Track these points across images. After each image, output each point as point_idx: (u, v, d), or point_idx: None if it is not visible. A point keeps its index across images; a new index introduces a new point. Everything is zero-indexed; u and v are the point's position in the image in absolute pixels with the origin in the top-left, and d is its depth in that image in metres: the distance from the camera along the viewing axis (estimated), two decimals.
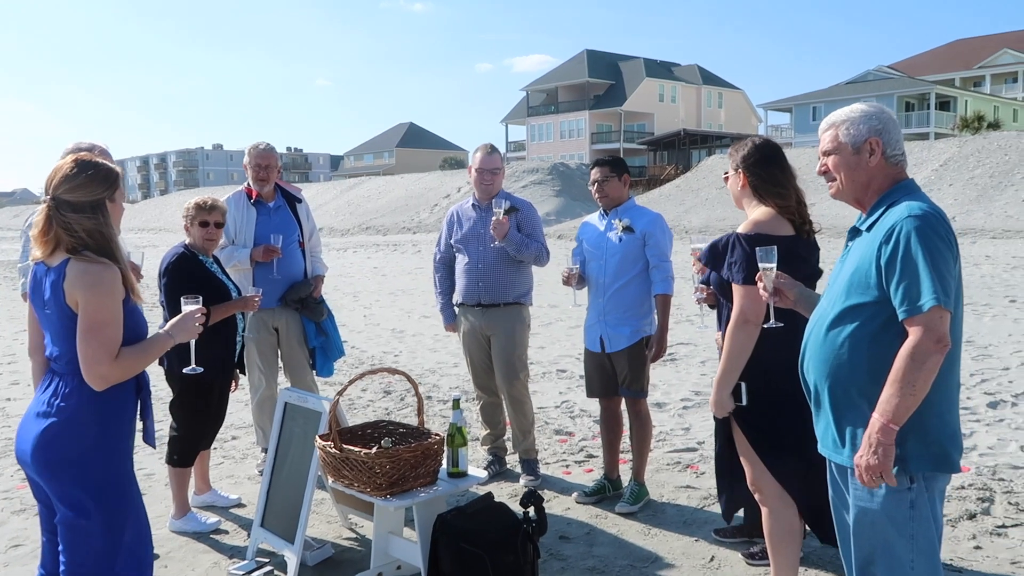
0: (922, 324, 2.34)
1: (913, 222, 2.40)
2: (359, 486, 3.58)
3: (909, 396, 2.35)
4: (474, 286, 5.22)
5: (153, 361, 2.83)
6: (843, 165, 2.65)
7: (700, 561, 4.12)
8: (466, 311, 5.32)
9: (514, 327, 5.23)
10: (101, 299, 2.65)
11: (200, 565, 4.23)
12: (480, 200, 5.30)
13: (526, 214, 5.28)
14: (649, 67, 70.43)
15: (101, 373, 2.66)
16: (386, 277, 19.52)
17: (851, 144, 2.62)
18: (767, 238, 3.24)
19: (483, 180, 5.22)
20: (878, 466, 2.39)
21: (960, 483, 4.95)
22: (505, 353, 5.21)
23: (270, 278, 5.25)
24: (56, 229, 2.70)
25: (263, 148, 5.38)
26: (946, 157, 31.83)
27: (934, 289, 2.33)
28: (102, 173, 2.76)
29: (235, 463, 5.88)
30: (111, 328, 2.66)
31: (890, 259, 2.41)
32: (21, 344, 11.02)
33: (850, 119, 2.63)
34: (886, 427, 2.37)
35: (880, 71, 59.11)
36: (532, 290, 5.35)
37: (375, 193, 51.29)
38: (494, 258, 5.17)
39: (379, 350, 10.20)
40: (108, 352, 2.65)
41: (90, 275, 2.65)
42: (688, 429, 6.41)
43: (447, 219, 5.50)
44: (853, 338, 2.52)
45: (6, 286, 19.71)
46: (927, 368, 2.34)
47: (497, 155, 5.32)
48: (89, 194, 2.71)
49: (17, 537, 4.63)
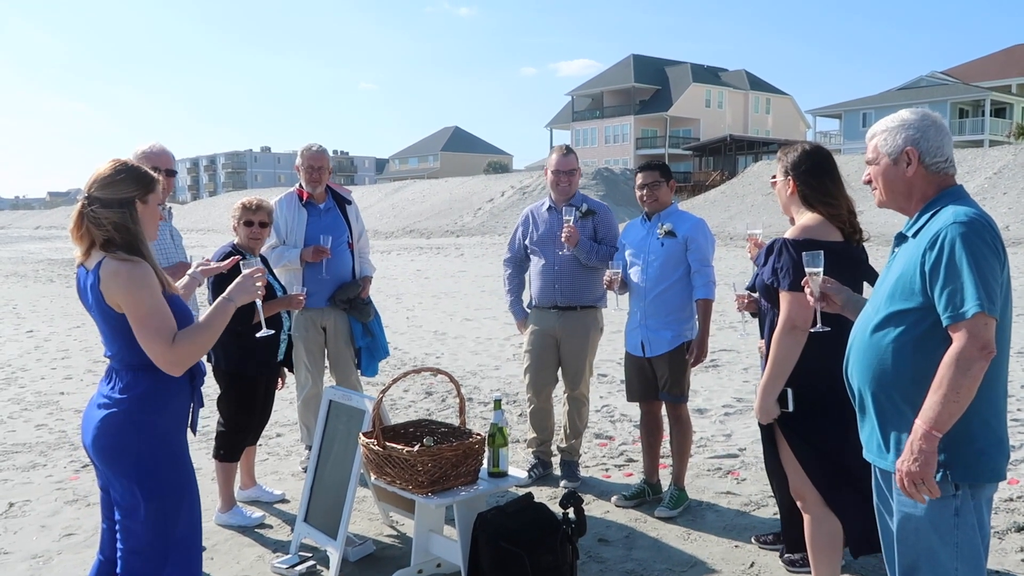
0: (966, 330, 2.32)
1: (958, 228, 2.38)
2: (401, 483, 3.63)
3: (953, 403, 2.32)
4: (550, 288, 5.24)
5: (222, 329, 2.86)
6: (882, 175, 2.65)
7: (740, 567, 4.09)
8: (540, 313, 5.33)
9: (588, 330, 5.25)
10: (137, 294, 2.70)
11: (245, 558, 4.31)
12: (556, 202, 5.32)
13: (603, 217, 5.29)
14: (696, 72, 69.99)
15: (168, 360, 2.73)
16: (429, 280, 19.65)
17: (889, 154, 2.62)
18: (815, 243, 3.22)
19: (560, 182, 5.24)
20: (919, 473, 2.37)
21: (1009, 495, 4.85)
22: (576, 356, 5.24)
23: (319, 278, 5.33)
24: (87, 224, 2.78)
25: (316, 150, 5.47)
26: (1000, 165, 31.14)
27: (978, 295, 2.31)
28: (135, 175, 2.83)
29: (279, 460, 5.98)
30: (158, 315, 2.72)
31: (934, 265, 2.40)
32: (75, 340, 11.32)
33: (888, 129, 2.63)
34: (929, 434, 2.35)
35: (933, 77, 57.97)
36: (606, 294, 5.33)
37: (419, 196, 51.63)
38: (570, 261, 5.18)
39: (421, 352, 10.28)
40: (164, 339, 2.71)
41: (122, 275, 2.71)
42: (729, 435, 6.37)
43: (522, 219, 5.53)
44: (897, 343, 2.51)
45: (61, 284, 20.23)
46: (971, 375, 2.31)
47: (573, 156, 5.33)
48: (119, 192, 2.78)
49: (70, 526, 4.76)
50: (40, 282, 20.93)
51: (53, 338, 11.64)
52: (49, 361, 9.99)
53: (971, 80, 55.73)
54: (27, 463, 5.96)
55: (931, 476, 2.37)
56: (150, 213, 2.87)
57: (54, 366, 9.68)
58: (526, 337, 5.43)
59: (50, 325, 13.02)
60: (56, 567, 4.23)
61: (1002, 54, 61.35)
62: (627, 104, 69.68)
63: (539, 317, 5.33)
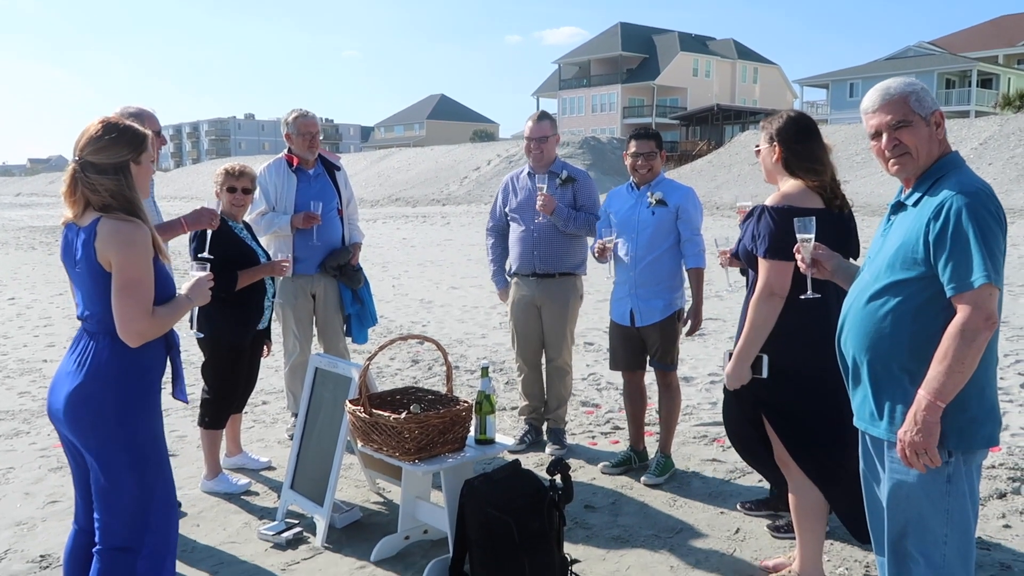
0: (972, 301, 2.32)
1: (963, 199, 2.37)
2: (388, 451, 3.62)
3: (958, 374, 2.33)
4: (529, 255, 5.22)
5: (179, 320, 2.86)
6: (919, 138, 2.53)
7: (725, 533, 4.12)
8: (520, 280, 5.32)
9: (568, 297, 5.24)
10: (134, 257, 2.67)
11: (231, 525, 4.30)
12: (534, 169, 5.28)
13: (582, 184, 5.26)
14: (684, 41, 69.51)
15: (138, 330, 2.69)
16: (415, 248, 19.58)
17: (923, 117, 2.54)
18: (796, 211, 3.21)
19: (531, 149, 5.21)
20: (922, 443, 2.38)
21: (991, 463, 4.90)
22: (557, 323, 5.23)
23: (310, 245, 5.29)
24: (82, 189, 2.73)
25: (311, 116, 5.42)
26: (986, 135, 31.21)
27: (984, 266, 2.30)
28: (127, 135, 2.77)
29: (265, 427, 5.96)
30: (144, 285, 2.69)
31: (939, 235, 2.38)
32: (57, 308, 11.22)
33: (916, 90, 2.54)
34: (933, 404, 2.36)
35: (920, 47, 57.84)
36: (586, 261, 5.33)
37: (405, 165, 51.32)
38: (549, 228, 5.16)
39: (407, 320, 10.25)
40: (144, 309, 2.69)
41: (122, 233, 2.67)
42: (715, 404, 6.40)
43: (502, 187, 5.49)
44: (896, 313, 2.50)
45: (42, 251, 20.03)
46: (976, 345, 2.32)
47: (547, 122, 5.26)
48: (113, 156, 2.73)
49: (54, 493, 4.74)
50: (21, 249, 20.70)
51: (35, 305, 11.54)
52: (31, 328, 9.91)
53: (958, 50, 55.68)
54: (10, 430, 5.92)
55: (933, 446, 2.39)
56: (143, 172, 2.83)
57: (36, 333, 9.60)
58: (509, 308, 5.43)
59: (32, 292, 12.90)
60: (40, 534, 4.21)
61: (989, 24, 61.29)
62: (614, 73, 69.22)
63: (519, 285, 5.32)
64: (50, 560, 3.91)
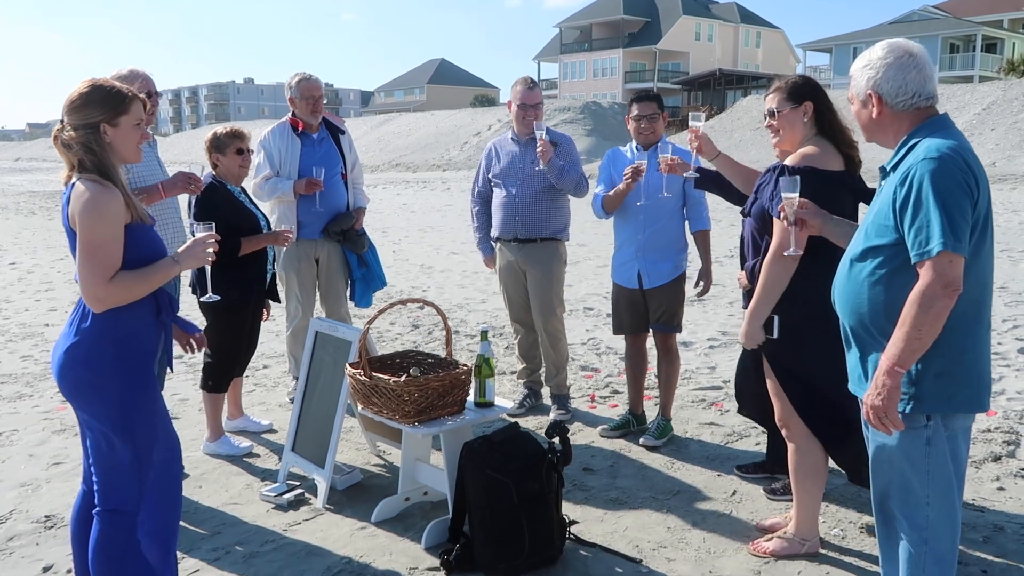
0: (931, 268, 2.33)
1: (927, 164, 2.36)
2: (388, 414, 3.65)
3: (915, 340, 2.34)
4: (511, 220, 5.22)
5: (156, 287, 2.78)
6: (857, 116, 2.69)
7: (722, 495, 4.17)
8: (503, 246, 5.32)
9: (551, 262, 5.24)
10: (94, 220, 2.63)
11: (233, 487, 4.35)
12: (520, 134, 5.26)
13: (564, 148, 5.24)
14: (686, 4, 68.72)
15: (96, 295, 2.66)
16: (415, 214, 19.55)
17: (858, 96, 2.64)
18: (817, 172, 3.21)
19: (527, 115, 5.18)
20: (882, 407, 2.40)
21: (987, 426, 4.94)
22: (542, 288, 5.23)
23: (313, 210, 5.28)
24: (59, 147, 2.73)
25: (314, 79, 5.36)
26: (990, 101, 30.96)
27: (943, 233, 2.30)
28: (100, 96, 2.72)
29: (267, 391, 6.00)
30: (104, 250, 2.64)
31: (903, 202, 2.40)
32: (58, 272, 11.24)
33: (854, 73, 2.64)
34: (891, 369, 2.38)
35: (925, 11, 57.23)
36: (569, 226, 5.34)
37: (405, 130, 51.02)
38: (532, 192, 5.15)
39: (408, 285, 10.27)
40: (102, 274, 2.64)
41: (84, 196, 2.64)
42: (714, 368, 6.43)
43: (485, 153, 5.47)
44: (872, 277, 2.52)
45: (43, 216, 20.01)
46: (934, 312, 2.32)
47: (538, 90, 5.27)
48: (84, 117, 2.70)
49: (58, 455, 4.78)
50: (22, 214, 20.68)
51: (36, 270, 11.55)
52: (33, 293, 9.93)
53: (963, 15, 55.06)
54: (13, 393, 5.96)
55: (894, 410, 2.40)
56: (122, 135, 2.76)
57: (38, 298, 9.62)
58: (497, 275, 5.44)
59: (33, 257, 12.90)
60: (44, 495, 4.26)
61: None
62: (616, 37, 68.56)
63: (503, 251, 5.33)
64: (55, 520, 3.96)
